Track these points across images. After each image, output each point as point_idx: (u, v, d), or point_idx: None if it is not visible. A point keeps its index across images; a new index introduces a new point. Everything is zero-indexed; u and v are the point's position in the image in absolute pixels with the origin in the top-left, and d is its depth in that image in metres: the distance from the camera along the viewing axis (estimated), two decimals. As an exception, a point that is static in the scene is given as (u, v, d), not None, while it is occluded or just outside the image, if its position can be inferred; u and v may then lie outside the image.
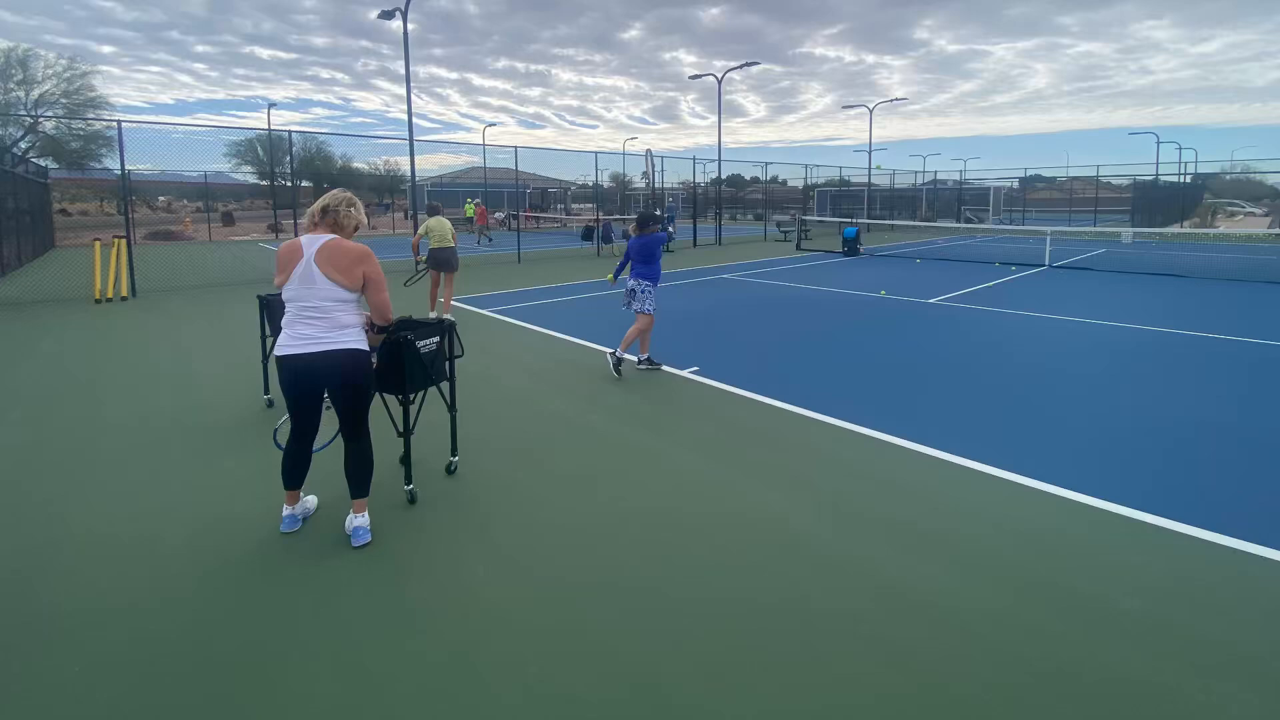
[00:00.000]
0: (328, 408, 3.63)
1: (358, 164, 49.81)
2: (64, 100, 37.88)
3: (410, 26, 18.35)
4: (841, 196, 40.28)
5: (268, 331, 5.62)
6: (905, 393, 6.26)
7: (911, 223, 34.18)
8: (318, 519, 3.74)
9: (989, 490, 4.16)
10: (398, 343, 3.77)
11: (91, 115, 37.37)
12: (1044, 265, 17.01)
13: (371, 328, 3.63)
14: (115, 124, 13.29)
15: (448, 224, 9.78)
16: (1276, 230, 28.39)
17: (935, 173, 48.89)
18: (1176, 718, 2.32)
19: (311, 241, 3.39)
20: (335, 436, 3.67)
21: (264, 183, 43.84)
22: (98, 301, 11.74)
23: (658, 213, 9.43)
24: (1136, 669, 2.55)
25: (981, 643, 2.71)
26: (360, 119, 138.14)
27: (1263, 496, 4.04)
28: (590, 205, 38.95)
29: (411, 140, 18.66)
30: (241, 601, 3.00)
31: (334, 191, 3.60)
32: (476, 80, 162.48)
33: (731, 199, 53.39)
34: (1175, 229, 31.53)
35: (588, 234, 23.81)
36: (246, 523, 3.69)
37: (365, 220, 3.67)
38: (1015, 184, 51.20)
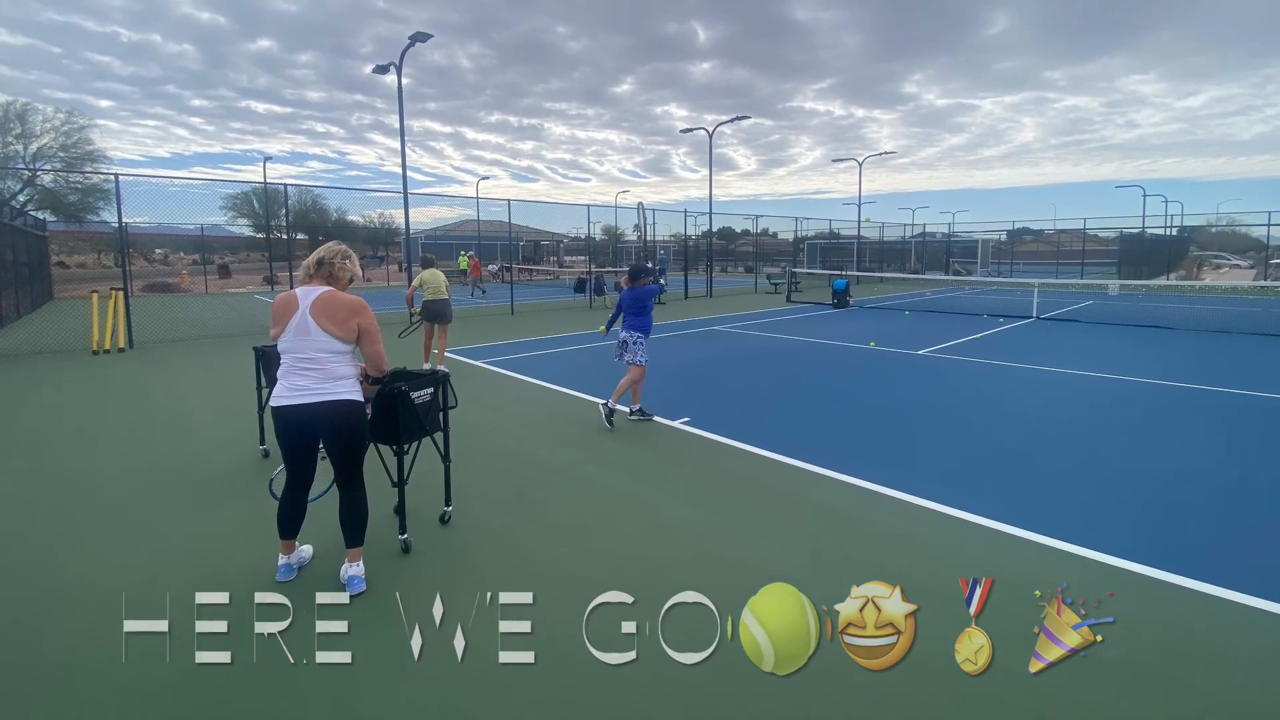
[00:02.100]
0: (323, 458, 3.67)
1: (352, 217, 50.55)
2: (62, 154, 38.14)
3: (404, 81, 18.85)
4: (831, 249, 40.90)
5: (264, 382, 5.68)
6: (894, 442, 6.34)
7: (900, 275, 34.67)
8: (313, 568, 3.76)
9: (976, 539, 4.21)
10: (392, 394, 3.84)
11: (89, 169, 37.69)
12: (1031, 317, 17.25)
13: (366, 379, 3.71)
14: (113, 177, 13.53)
15: (441, 276, 9.91)
16: (1261, 282, 28.89)
17: (924, 225, 49.69)
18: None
19: (307, 294, 3.47)
20: (330, 486, 3.72)
21: (260, 235, 44.28)
22: (95, 353, 11.79)
23: (650, 265, 9.60)
24: (1125, 717, 2.58)
25: (969, 690, 2.74)
26: (355, 172, 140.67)
27: (1245, 545, 4.10)
28: (583, 258, 39.40)
29: (406, 193, 19.01)
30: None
31: (329, 244, 3.68)
32: (470, 134, 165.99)
33: (722, 251, 54.17)
34: (1161, 281, 32.04)
35: (580, 286, 24.05)
36: (243, 572, 3.70)
37: (360, 272, 3.76)
38: (1003, 236, 52.07)
